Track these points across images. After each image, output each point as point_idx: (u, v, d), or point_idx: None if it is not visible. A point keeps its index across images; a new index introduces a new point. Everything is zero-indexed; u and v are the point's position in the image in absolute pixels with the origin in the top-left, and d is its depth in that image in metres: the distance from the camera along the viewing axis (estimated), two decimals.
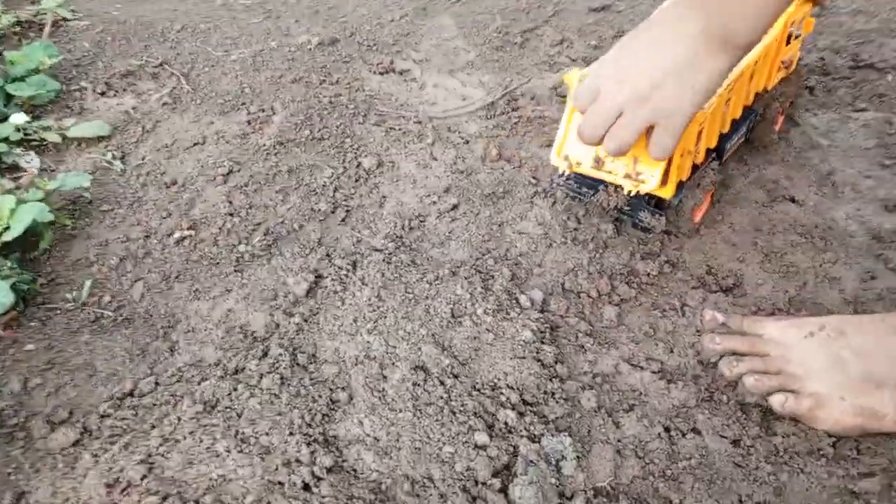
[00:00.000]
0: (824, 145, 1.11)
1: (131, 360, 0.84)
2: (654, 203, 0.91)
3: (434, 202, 1.04)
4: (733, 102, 0.90)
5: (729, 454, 0.73)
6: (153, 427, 0.75)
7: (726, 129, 0.93)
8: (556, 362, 0.80)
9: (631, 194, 0.86)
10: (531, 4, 1.57)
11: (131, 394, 0.80)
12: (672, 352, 0.83)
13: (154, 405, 0.78)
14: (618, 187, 0.89)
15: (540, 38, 1.45)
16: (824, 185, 1.04)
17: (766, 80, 0.98)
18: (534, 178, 1.06)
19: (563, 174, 0.95)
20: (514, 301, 0.86)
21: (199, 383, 0.79)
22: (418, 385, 0.76)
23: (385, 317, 0.84)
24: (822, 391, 0.74)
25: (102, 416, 0.77)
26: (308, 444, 0.71)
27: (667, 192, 0.86)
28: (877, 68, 1.28)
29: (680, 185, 0.87)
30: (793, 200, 1.01)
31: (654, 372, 0.81)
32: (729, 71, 0.73)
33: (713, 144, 0.91)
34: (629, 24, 1.46)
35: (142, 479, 0.69)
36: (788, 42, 0.98)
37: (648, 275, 0.91)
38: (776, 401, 0.75)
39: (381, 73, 1.34)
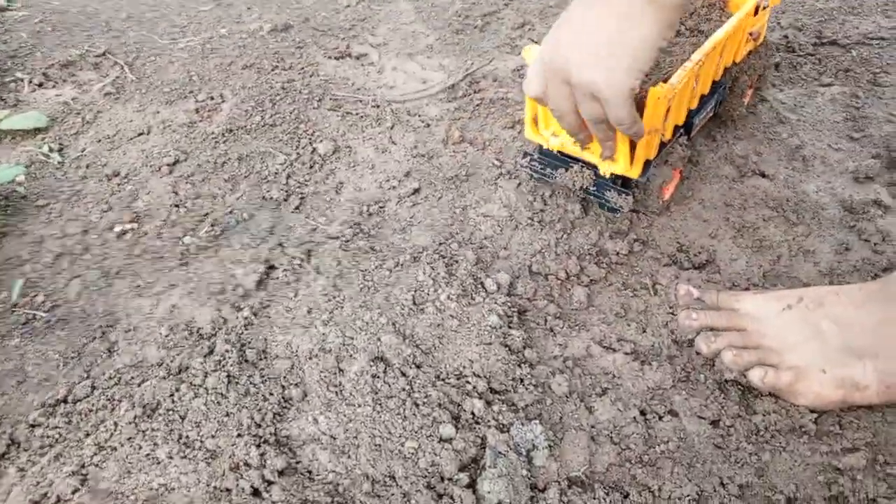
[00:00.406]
0: (792, 120, 1.08)
1: (66, 364, 0.78)
2: (621, 183, 0.87)
3: (394, 187, 0.99)
4: (702, 78, 0.86)
5: (708, 436, 0.69)
6: (87, 435, 0.68)
7: (695, 106, 0.89)
8: (524, 347, 0.75)
9: (606, 175, 0.83)
10: None
11: (65, 400, 0.73)
12: (645, 332, 0.79)
13: (90, 411, 0.71)
14: (583, 167, 0.86)
15: (501, 22, 1.40)
16: (794, 160, 1.01)
17: (735, 54, 0.95)
18: (498, 160, 1.02)
19: (526, 156, 0.91)
20: (479, 285, 0.81)
21: (139, 385, 0.72)
22: (378, 377, 0.71)
23: (341, 307, 0.79)
24: (802, 364, 0.71)
25: (32, 426, 0.70)
26: (258, 446, 0.65)
27: (634, 172, 0.82)
28: (840, 45, 1.26)
29: (647, 164, 0.83)
30: (763, 175, 0.98)
31: (627, 353, 0.77)
32: (664, 32, 0.69)
33: (681, 121, 0.87)
34: None
35: (73, 493, 0.63)
36: (756, 13, 0.95)
37: (618, 254, 0.87)
38: (755, 375, 0.71)
39: (337, 58, 1.29)
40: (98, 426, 0.69)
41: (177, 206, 0.96)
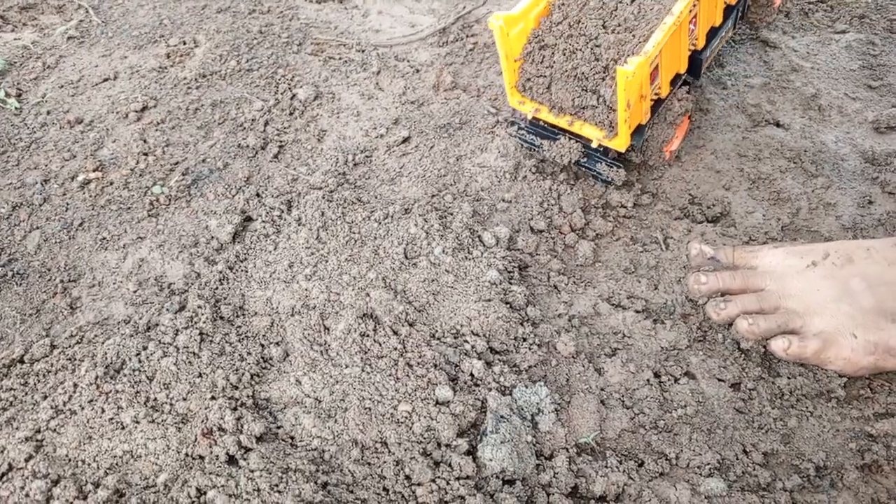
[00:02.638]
0: (806, 68, 1.02)
1: (23, 322, 0.70)
2: (612, 154, 0.79)
3: (381, 135, 0.91)
4: (702, 18, 0.78)
5: (729, 399, 0.63)
6: (45, 397, 0.61)
7: (701, 45, 0.81)
8: (526, 304, 0.69)
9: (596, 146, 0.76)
10: None
11: (21, 360, 0.66)
12: (657, 288, 0.73)
13: (48, 372, 0.64)
14: (570, 139, 0.78)
15: None
16: (809, 109, 0.95)
17: None
18: (493, 107, 0.95)
19: (513, 124, 0.84)
20: (476, 239, 0.75)
21: (102, 344, 0.65)
22: (367, 336, 0.64)
23: (326, 260, 0.72)
24: (830, 329, 0.64)
25: None
26: (234, 409, 0.59)
27: (619, 144, 0.74)
28: None
29: (640, 128, 0.76)
30: (777, 125, 0.92)
31: (637, 311, 0.70)
32: None
33: (682, 68, 0.79)
34: None
35: (27, 461, 0.56)
36: None
37: (625, 206, 0.81)
38: (778, 346, 0.65)
39: (319, 2, 1.20)
40: (56, 388, 0.62)
41: (145, 154, 0.88)
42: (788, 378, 0.64)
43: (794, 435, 0.61)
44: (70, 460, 0.56)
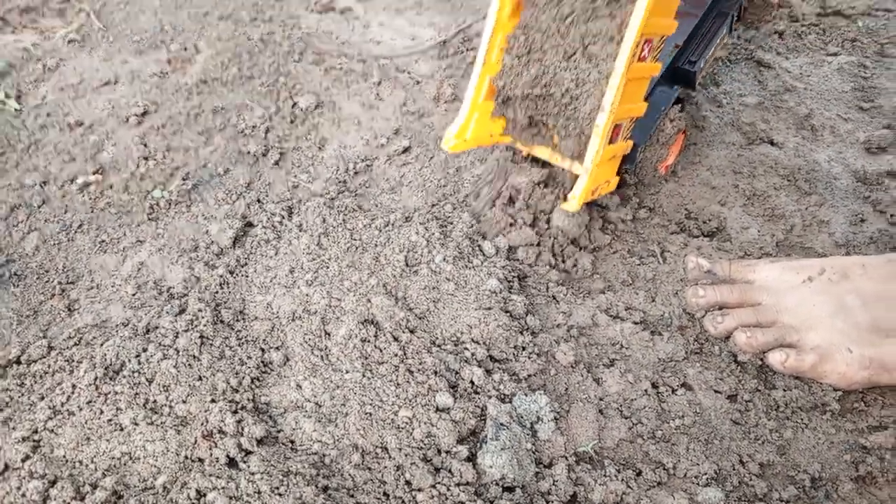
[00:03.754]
0: (799, 88, 1.04)
1: (20, 323, 0.70)
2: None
3: (382, 145, 0.92)
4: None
5: (725, 411, 0.64)
6: (42, 398, 0.61)
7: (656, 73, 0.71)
8: (526, 314, 0.69)
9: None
10: None
11: (18, 361, 0.66)
12: (654, 301, 0.74)
13: (45, 373, 0.64)
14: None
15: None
16: (802, 128, 0.96)
17: None
18: None
19: None
20: (476, 248, 0.75)
21: (101, 345, 0.65)
22: (368, 341, 0.64)
23: (327, 266, 0.72)
24: (825, 343, 0.66)
25: None
26: (234, 412, 0.59)
27: (570, 206, 0.66)
28: (845, 15, 1.22)
29: (633, 150, 0.74)
30: (772, 143, 0.94)
31: (635, 322, 0.71)
32: None
33: (641, 112, 0.72)
34: None
35: (23, 461, 0.56)
36: None
37: (623, 220, 0.82)
38: (775, 359, 0.66)
39: (320, 12, 1.21)
40: (54, 389, 0.61)
41: (145, 158, 0.89)
42: (784, 390, 0.65)
43: (789, 446, 0.62)
44: (67, 461, 0.56)
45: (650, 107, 0.74)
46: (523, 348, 0.67)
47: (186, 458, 0.56)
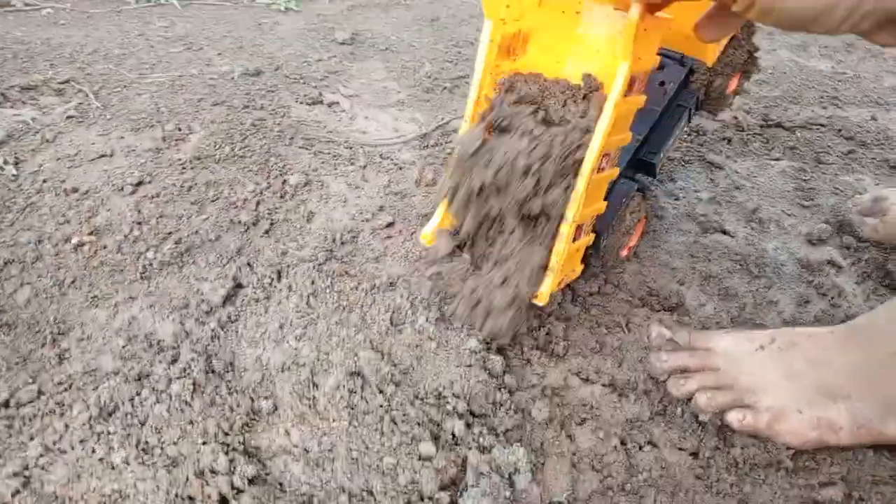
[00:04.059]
0: (747, 186, 1.14)
1: (9, 369, 0.71)
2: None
3: (367, 220, 0.98)
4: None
5: (689, 466, 0.68)
6: (32, 438, 0.62)
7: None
8: (503, 373, 0.74)
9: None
10: (458, 56, 1.58)
11: (6, 404, 0.67)
12: (621, 366, 0.79)
13: (35, 416, 0.65)
14: None
15: (469, 86, 1.45)
16: (752, 221, 1.06)
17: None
18: None
19: None
20: None
21: (94, 389, 0.67)
22: (355, 392, 0.67)
23: (315, 323, 0.76)
24: (778, 405, 0.71)
25: None
26: (226, 453, 0.60)
27: (540, 299, 0.72)
28: (785, 127, 1.35)
29: (597, 239, 0.81)
30: (724, 232, 1.02)
31: (604, 385, 0.76)
32: None
33: (602, 210, 0.78)
34: None
35: (13, 496, 0.56)
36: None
37: (591, 294, 0.88)
38: (733, 418, 0.71)
39: (309, 104, 1.30)
40: (44, 430, 0.63)
41: (139, 223, 0.93)
42: (742, 448, 0.70)
43: (748, 500, 0.66)
44: (58, 497, 0.57)
45: (612, 198, 0.81)
46: (501, 404, 0.70)
47: (177, 496, 0.57)
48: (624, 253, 0.92)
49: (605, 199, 0.78)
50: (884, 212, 1.02)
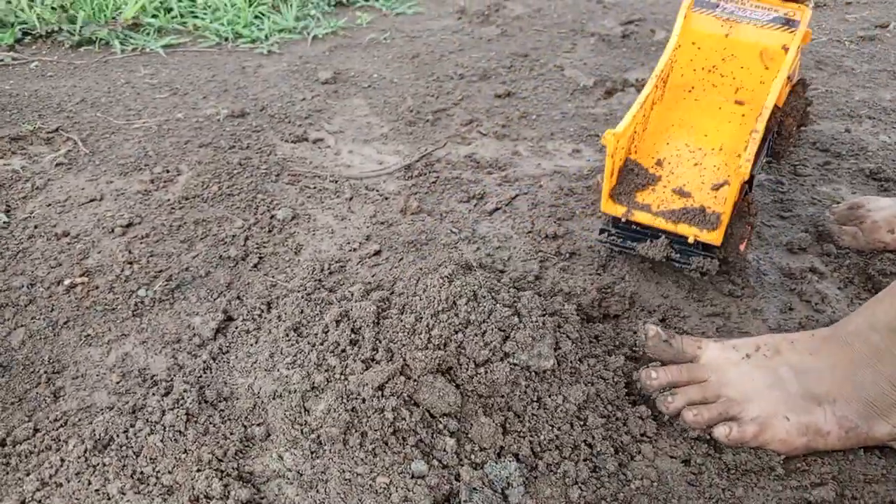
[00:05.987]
0: None
1: (4, 409, 0.72)
2: (703, 247, 0.89)
3: (354, 249, 0.99)
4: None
5: (681, 473, 0.69)
6: (28, 474, 0.63)
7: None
8: None
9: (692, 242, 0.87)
10: (440, 90, 1.62)
11: (2, 443, 0.67)
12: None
13: (31, 452, 0.66)
14: (668, 237, 0.89)
15: (451, 118, 1.48)
16: None
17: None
18: (456, 227, 1.05)
19: (603, 231, 0.93)
20: None
21: (89, 423, 0.68)
22: (345, 415, 0.68)
23: (306, 351, 0.77)
24: (765, 413, 0.72)
25: None
26: (220, 479, 0.61)
27: (718, 239, 0.85)
28: None
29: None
30: None
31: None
32: None
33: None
34: (532, 107, 1.53)
35: None
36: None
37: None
38: (720, 433, 0.72)
39: (294, 142, 1.32)
40: (41, 465, 0.63)
41: (130, 263, 0.94)
42: (733, 454, 0.71)
43: (741, 503, 0.66)
44: None
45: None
46: None
47: None
48: (742, 247, 0.92)
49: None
50: (861, 219, 1.04)
